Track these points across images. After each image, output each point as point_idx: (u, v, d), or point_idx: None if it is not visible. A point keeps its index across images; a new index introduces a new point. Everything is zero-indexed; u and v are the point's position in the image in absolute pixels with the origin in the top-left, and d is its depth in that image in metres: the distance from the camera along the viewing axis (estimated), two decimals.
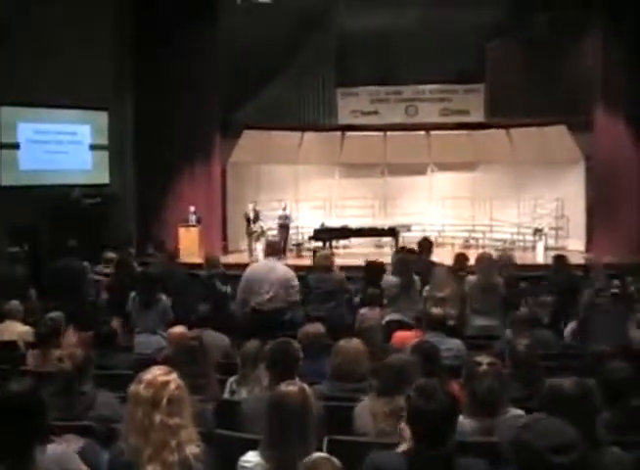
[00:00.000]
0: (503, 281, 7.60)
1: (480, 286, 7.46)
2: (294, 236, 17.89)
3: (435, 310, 5.99)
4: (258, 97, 17.35)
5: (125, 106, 15.74)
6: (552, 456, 2.21)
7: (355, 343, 4.60)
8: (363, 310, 6.23)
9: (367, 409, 3.92)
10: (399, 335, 6.13)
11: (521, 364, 4.38)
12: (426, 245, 9.19)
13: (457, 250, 14.76)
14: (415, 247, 9.46)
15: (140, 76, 15.69)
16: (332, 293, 7.84)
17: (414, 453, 2.81)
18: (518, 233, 17.54)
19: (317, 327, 5.37)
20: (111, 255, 10.38)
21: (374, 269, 8.38)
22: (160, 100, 15.46)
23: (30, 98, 13.51)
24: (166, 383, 2.96)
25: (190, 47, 15.48)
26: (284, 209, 16.66)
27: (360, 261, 10.18)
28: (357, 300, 8.11)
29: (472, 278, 7.63)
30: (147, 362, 4.50)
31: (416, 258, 8.54)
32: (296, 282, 7.50)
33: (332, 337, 5.20)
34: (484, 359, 3.81)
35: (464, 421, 3.61)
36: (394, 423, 3.79)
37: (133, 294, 7.28)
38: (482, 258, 7.87)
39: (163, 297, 7.23)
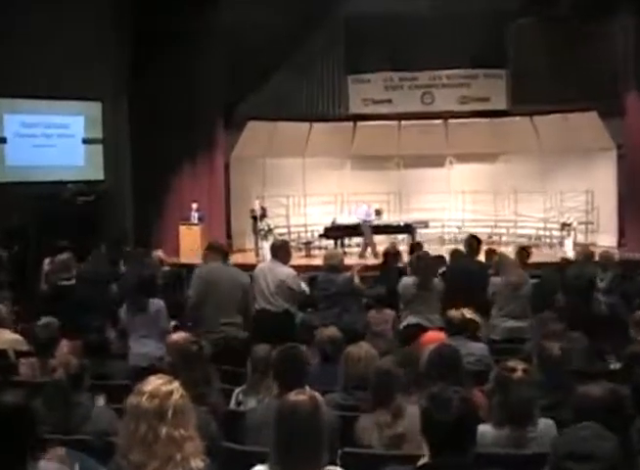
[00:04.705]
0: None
1: (508, 287, 7.46)
2: (302, 234, 17.92)
3: (456, 313, 5.96)
4: (264, 86, 17.33)
5: (121, 96, 15.72)
6: (571, 464, 2.30)
7: (365, 348, 4.60)
8: (372, 313, 6.20)
9: (370, 421, 3.94)
10: (430, 336, 5.98)
11: (552, 370, 4.34)
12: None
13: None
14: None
15: (137, 64, 15.68)
16: (339, 295, 7.68)
17: (428, 467, 2.78)
18: (544, 228, 17.50)
19: (332, 331, 5.36)
20: None
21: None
22: (158, 89, 15.44)
23: (17, 88, 13.42)
24: (170, 393, 2.92)
25: (191, 33, 15.40)
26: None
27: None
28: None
29: (496, 279, 7.63)
30: (144, 371, 4.51)
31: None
32: (294, 284, 7.45)
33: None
34: (518, 365, 3.77)
35: (488, 431, 3.59)
36: (399, 433, 3.80)
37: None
38: (507, 259, 7.89)
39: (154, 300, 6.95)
